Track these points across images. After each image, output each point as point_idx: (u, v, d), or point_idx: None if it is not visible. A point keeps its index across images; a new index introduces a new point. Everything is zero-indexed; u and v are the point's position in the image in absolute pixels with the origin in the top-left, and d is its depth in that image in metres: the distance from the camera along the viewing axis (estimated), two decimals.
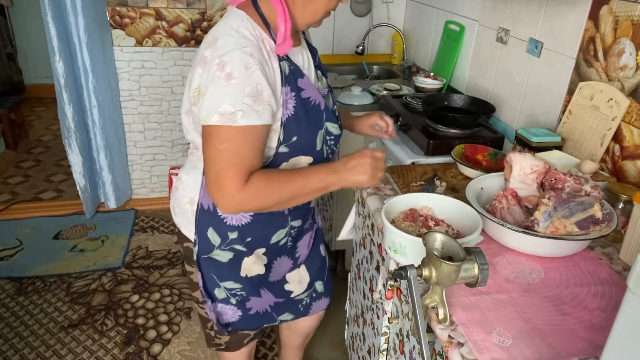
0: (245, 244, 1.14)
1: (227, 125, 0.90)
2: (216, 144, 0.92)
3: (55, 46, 2.36)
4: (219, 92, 0.89)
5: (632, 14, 1.22)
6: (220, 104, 0.89)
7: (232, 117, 0.89)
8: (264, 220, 1.13)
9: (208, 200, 1.09)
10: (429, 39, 2.45)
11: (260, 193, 0.95)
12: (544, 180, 1.08)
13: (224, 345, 1.33)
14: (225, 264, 1.16)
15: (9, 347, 1.92)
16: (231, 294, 1.20)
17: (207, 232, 1.12)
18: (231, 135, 0.91)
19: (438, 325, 0.79)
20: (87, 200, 2.74)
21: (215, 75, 0.90)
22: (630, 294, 0.56)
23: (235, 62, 0.89)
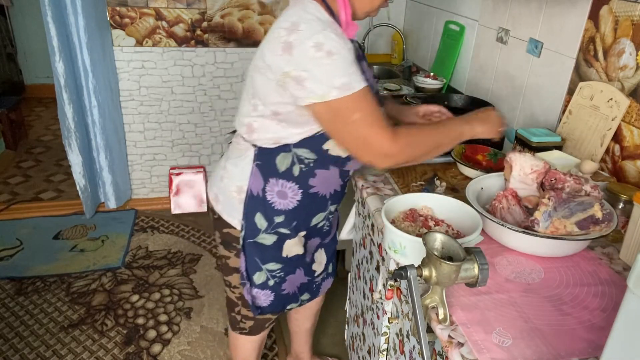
0: (291, 227, 1.20)
1: (348, 95, 0.96)
2: (348, 114, 0.97)
3: (56, 46, 2.36)
4: (327, 69, 0.94)
5: (632, 14, 1.22)
6: (332, 80, 0.95)
7: (348, 86, 0.95)
8: (308, 204, 1.19)
9: (258, 186, 1.15)
10: (429, 39, 2.45)
11: (411, 141, 1.02)
12: (544, 180, 1.08)
13: (248, 329, 1.41)
14: (269, 247, 1.22)
15: (9, 347, 1.92)
16: (271, 276, 1.26)
17: (255, 217, 1.17)
18: (357, 102, 0.97)
19: (438, 325, 0.79)
20: (87, 200, 2.74)
21: (315, 57, 0.94)
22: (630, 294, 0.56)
23: (329, 41, 0.95)
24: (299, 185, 1.15)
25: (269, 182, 1.14)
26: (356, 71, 0.97)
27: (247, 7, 2.64)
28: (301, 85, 0.97)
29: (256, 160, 1.14)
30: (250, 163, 1.14)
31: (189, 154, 2.93)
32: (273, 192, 1.15)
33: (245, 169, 1.15)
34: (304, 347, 1.79)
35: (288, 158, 1.11)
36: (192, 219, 2.85)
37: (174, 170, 2.89)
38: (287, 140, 1.09)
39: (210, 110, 2.84)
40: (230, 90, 2.81)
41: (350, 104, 0.96)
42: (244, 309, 1.37)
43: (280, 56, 0.98)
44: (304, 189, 1.16)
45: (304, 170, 1.13)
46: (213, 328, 2.05)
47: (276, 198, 1.16)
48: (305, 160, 1.11)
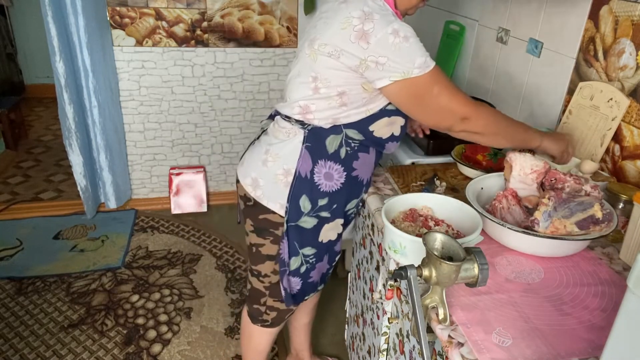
0: (332, 210, 1.24)
1: (427, 72, 1.05)
2: (429, 89, 1.07)
3: (56, 46, 2.36)
4: (406, 52, 1.04)
5: (632, 14, 1.22)
6: (414, 60, 1.04)
7: (425, 64, 1.05)
8: (349, 187, 1.23)
9: (306, 167, 1.18)
10: (429, 39, 2.45)
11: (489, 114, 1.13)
12: (544, 180, 1.08)
13: (270, 321, 1.42)
14: (308, 230, 1.24)
15: (9, 347, 1.92)
16: (305, 261, 1.28)
17: (300, 199, 1.20)
18: (435, 77, 1.07)
19: (438, 325, 0.79)
20: (88, 201, 2.74)
21: (394, 43, 1.03)
22: (630, 294, 0.56)
23: (404, 28, 1.05)
24: (344, 167, 1.20)
25: (317, 163, 1.18)
26: (427, 52, 1.07)
27: (247, 7, 2.64)
28: (381, 68, 1.05)
29: (306, 142, 1.17)
30: (300, 145, 1.18)
31: (189, 154, 2.93)
32: (320, 173, 1.19)
33: (294, 151, 1.19)
34: (304, 344, 1.79)
35: (337, 140, 1.17)
36: (192, 219, 2.85)
37: (174, 170, 2.89)
38: (343, 120, 1.16)
39: (210, 110, 2.84)
40: (230, 90, 2.81)
41: (430, 79, 1.06)
42: (270, 299, 1.37)
43: (355, 44, 1.04)
44: (348, 171, 1.21)
45: (349, 153, 1.20)
46: (213, 328, 2.05)
47: (323, 180, 1.20)
48: (351, 143, 1.18)
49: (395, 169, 1.40)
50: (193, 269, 2.41)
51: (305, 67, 1.13)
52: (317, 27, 1.11)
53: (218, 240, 2.66)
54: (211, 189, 3.03)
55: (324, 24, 1.10)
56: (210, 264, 2.45)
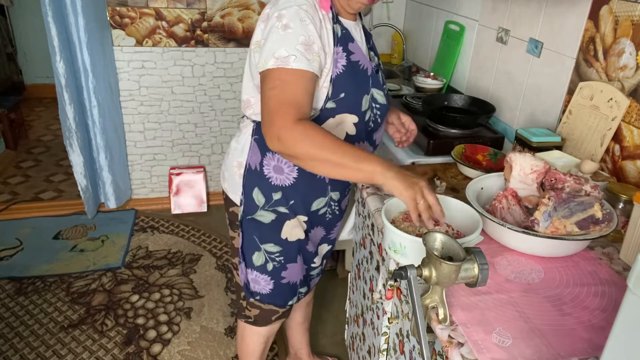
0: (289, 206, 1.22)
1: (281, 67, 0.99)
2: (270, 84, 1.00)
3: (56, 46, 2.36)
4: (276, 39, 1.00)
5: (632, 14, 1.22)
6: (276, 50, 0.99)
7: (285, 60, 0.98)
8: (305, 184, 1.20)
9: (256, 160, 1.19)
10: (429, 39, 2.45)
11: (308, 138, 0.95)
12: (544, 180, 1.08)
13: (253, 318, 1.41)
14: (267, 225, 1.23)
15: (9, 347, 1.92)
16: (270, 258, 1.27)
17: (253, 192, 1.20)
18: (284, 76, 0.99)
19: (438, 325, 0.79)
20: (89, 201, 2.74)
21: (274, 26, 1.01)
22: (630, 294, 0.56)
23: (291, 15, 1.00)
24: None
25: (266, 156, 1.18)
26: (304, 52, 0.99)
27: (247, 7, 2.64)
28: (260, 53, 1.03)
29: (254, 135, 1.19)
30: (249, 138, 1.20)
31: (189, 154, 2.93)
32: (270, 166, 1.18)
33: (245, 144, 1.21)
34: (301, 343, 1.79)
35: None
36: (192, 219, 2.85)
37: (174, 170, 2.88)
38: None
39: (210, 110, 2.84)
40: (230, 90, 2.81)
41: (277, 75, 0.98)
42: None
43: (259, 27, 1.07)
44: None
45: None
46: (213, 328, 2.05)
47: (273, 173, 1.18)
48: None
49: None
50: (193, 269, 2.41)
51: (247, 64, 1.17)
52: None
53: (218, 240, 2.66)
54: (211, 189, 3.03)
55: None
56: (210, 264, 2.45)
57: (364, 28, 1.24)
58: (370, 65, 1.17)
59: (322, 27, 1.05)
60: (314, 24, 1.02)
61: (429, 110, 1.66)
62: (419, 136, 1.60)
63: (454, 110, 1.75)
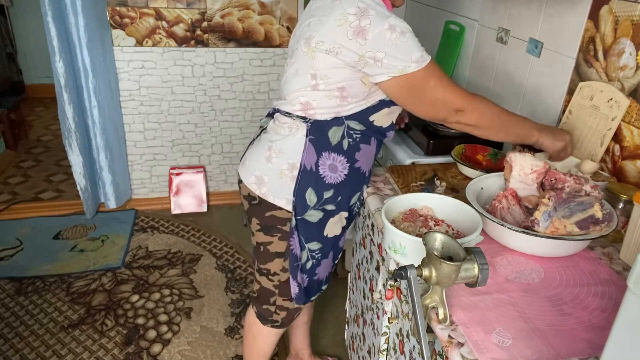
0: (337, 202, 1.25)
1: (423, 66, 1.07)
2: (425, 82, 1.09)
3: (56, 46, 2.36)
4: (403, 47, 1.05)
5: (632, 14, 1.22)
6: (411, 54, 1.06)
7: (422, 58, 1.07)
8: (352, 179, 1.25)
9: (311, 160, 1.19)
10: (429, 39, 2.45)
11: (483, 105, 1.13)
12: (544, 180, 1.08)
13: (280, 321, 1.42)
14: (314, 225, 1.25)
15: (9, 347, 1.92)
16: (311, 256, 1.28)
17: (306, 192, 1.21)
18: (431, 70, 1.09)
19: (438, 325, 0.79)
20: (88, 201, 2.74)
21: (391, 38, 1.05)
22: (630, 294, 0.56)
23: (400, 23, 1.06)
24: (347, 158, 1.21)
25: (322, 155, 1.19)
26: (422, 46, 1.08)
27: (247, 7, 2.64)
28: (379, 64, 1.06)
29: (309, 135, 1.18)
30: (303, 139, 1.19)
31: (189, 154, 2.93)
32: (325, 165, 1.20)
33: (298, 145, 1.20)
34: (303, 343, 1.79)
35: (339, 131, 1.18)
36: (192, 219, 2.85)
37: (174, 170, 2.88)
38: (345, 112, 1.18)
39: (210, 110, 2.84)
40: (230, 90, 2.81)
41: (426, 72, 1.08)
42: (280, 298, 1.37)
43: (352, 40, 1.06)
44: (350, 162, 1.22)
45: (351, 144, 1.21)
46: (213, 328, 2.05)
47: (328, 172, 1.21)
48: (353, 134, 1.19)
49: (395, 169, 1.40)
50: (193, 269, 2.41)
51: (303, 65, 1.14)
52: (312, 25, 1.11)
53: (218, 240, 2.66)
54: (211, 189, 3.03)
55: (318, 22, 1.10)
56: (210, 264, 2.45)
57: None
58: None
59: None
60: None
61: None
62: (419, 136, 1.60)
63: None
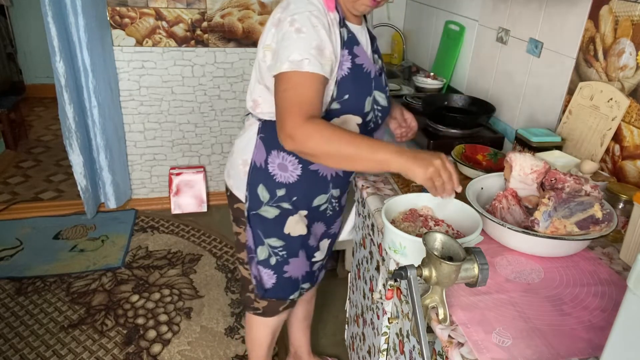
0: (292, 202, 1.25)
1: (294, 71, 1.01)
2: (283, 86, 1.02)
3: (56, 46, 2.36)
4: (290, 44, 1.02)
5: (632, 14, 1.22)
6: (290, 54, 1.01)
7: (299, 64, 1.00)
8: (309, 180, 1.23)
9: (260, 158, 1.21)
10: (429, 39, 2.45)
11: (319, 133, 0.96)
12: (544, 180, 1.08)
13: (261, 310, 1.43)
14: (271, 221, 1.27)
15: (9, 347, 1.92)
16: (273, 252, 1.30)
17: (258, 188, 1.24)
18: (297, 79, 1.01)
19: (438, 325, 0.79)
20: (89, 201, 2.74)
21: (287, 31, 1.03)
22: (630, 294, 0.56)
23: (304, 20, 1.02)
24: (298, 159, 1.20)
25: (271, 154, 1.20)
26: (317, 56, 1.01)
27: (247, 7, 2.64)
28: (274, 57, 1.05)
29: (260, 133, 1.21)
30: (255, 136, 1.22)
31: (189, 154, 2.93)
32: (274, 164, 1.21)
33: (250, 142, 1.23)
34: (301, 341, 1.79)
35: None
36: (192, 219, 2.85)
37: (174, 170, 2.88)
38: None
39: (210, 110, 2.84)
40: (230, 90, 2.81)
41: (290, 78, 1.01)
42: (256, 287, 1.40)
43: (270, 32, 1.08)
44: (303, 164, 1.21)
45: None
46: (213, 328, 2.05)
47: (277, 170, 1.21)
48: None
49: None
50: (193, 269, 2.41)
51: (255, 65, 1.19)
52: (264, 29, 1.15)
53: (218, 240, 2.66)
54: (211, 189, 3.03)
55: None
56: (210, 264, 2.45)
57: (369, 31, 1.26)
58: (373, 68, 1.19)
59: (331, 32, 1.07)
60: (324, 29, 1.05)
61: (429, 110, 1.66)
62: (419, 136, 1.60)
63: (454, 110, 1.75)
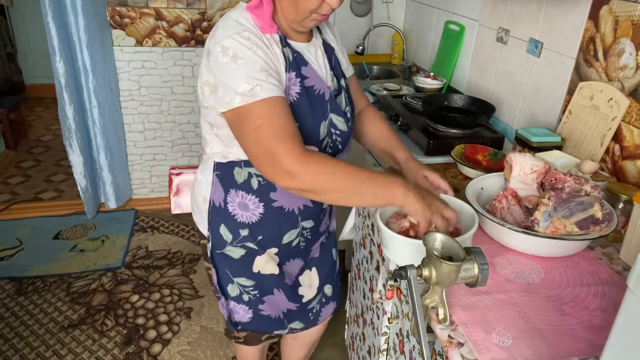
0: (257, 242, 1.16)
1: (251, 102, 0.90)
2: (251, 123, 0.91)
3: (56, 46, 2.36)
4: (231, 75, 0.91)
5: (632, 14, 1.22)
6: (237, 86, 0.91)
7: (252, 93, 0.90)
8: (273, 218, 1.13)
9: (219, 197, 1.13)
10: (429, 39, 2.45)
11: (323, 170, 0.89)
12: (544, 180, 1.08)
13: (242, 339, 1.33)
14: (237, 261, 1.18)
15: (9, 347, 1.92)
16: (244, 291, 1.21)
17: (220, 228, 1.15)
18: (261, 111, 0.90)
19: (438, 325, 0.79)
20: (89, 201, 2.74)
21: (222, 62, 0.92)
22: (630, 294, 0.56)
23: (236, 45, 0.91)
24: (259, 198, 1.10)
25: (229, 192, 1.11)
26: (267, 78, 0.92)
27: None
28: (214, 93, 0.94)
29: (216, 171, 1.12)
30: (211, 173, 1.13)
31: (189, 154, 2.93)
32: (234, 203, 1.12)
33: (209, 179, 1.14)
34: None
35: (244, 172, 1.09)
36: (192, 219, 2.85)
37: (174, 170, 2.88)
38: (234, 156, 1.07)
39: None
40: None
41: (254, 111, 0.90)
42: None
43: (204, 64, 0.97)
44: (265, 202, 1.11)
45: (262, 184, 1.09)
46: (213, 328, 2.05)
47: (238, 210, 1.12)
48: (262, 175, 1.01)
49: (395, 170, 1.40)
50: (193, 269, 2.41)
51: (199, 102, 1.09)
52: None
53: None
54: None
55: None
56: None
57: (324, 44, 1.13)
58: (327, 90, 1.08)
59: (270, 52, 0.97)
60: (261, 49, 0.94)
61: (429, 110, 1.66)
62: (418, 136, 1.60)
63: (454, 110, 1.75)
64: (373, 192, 0.92)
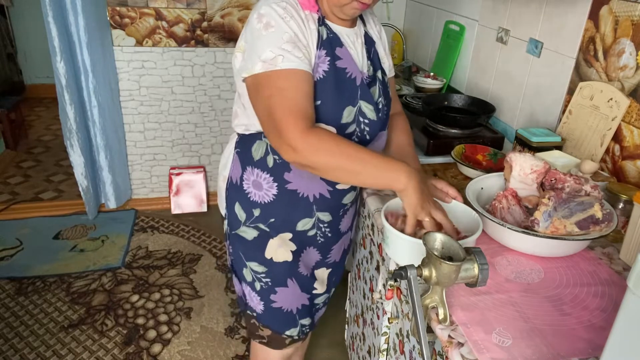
0: (269, 224, 1.15)
1: (270, 71, 0.92)
2: (265, 91, 0.93)
3: (57, 46, 2.36)
4: (259, 42, 0.94)
5: (632, 14, 1.22)
6: (261, 52, 0.92)
7: (273, 62, 0.91)
8: (286, 201, 1.13)
9: (236, 174, 1.15)
10: (429, 39, 2.45)
11: (326, 147, 0.90)
12: (544, 180, 1.08)
13: (266, 339, 1.27)
14: (250, 242, 1.18)
15: (9, 347, 1.92)
16: (256, 278, 1.20)
17: (235, 207, 1.17)
18: (277, 80, 0.92)
19: (438, 325, 0.79)
20: (90, 201, 2.74)
21: (255, 28, 0.95)
22: (630, 294, 0.56)
23: (271, 13, 0.94)
24: (273, 177, 1.11)
25: (246, 170, 1.14)
26: (293, 50, 0.92)
27: (247, 7, 2.64)
28: (244, 58, 0.97)
29: (236, 148, 1.15)
30: (233, 151, 1.16)
31: (189, 154, 2.93)
32: (249, 181, 1.13)
33: (229, 158, 1.17)
34: None
35: (262, 146, 1.09)
36: (192, 219, 2.85)
37: (174, 170, 2.88)
38: (255, 128, 1.08)
39: (210, 110, 2.84)
40: (230, 90, 2.81)
41: (271, 80, 0.92)
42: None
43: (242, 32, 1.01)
44: (279, 182, 1.11)
45: (278, 162, 1.09)
46: (213, 328, 2.05)
47: (252, 188, 1.14)
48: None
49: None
50: (193, 269, 2.41)
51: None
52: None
53: (218, 240, 2.66)
54: (211, 189, 3.03)
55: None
56: (210, 264, 2.45)
57: (366, 35, 1.13)
58: (360, 75, 1.07)
59: (305, 26, 0.98)
60: (295, 21, 0.95)
61: (429, 110, 1.66)
62: (418, 136, 1.60)
63: (454, 110, 1.75)
64: (373, 173, 0.92)
